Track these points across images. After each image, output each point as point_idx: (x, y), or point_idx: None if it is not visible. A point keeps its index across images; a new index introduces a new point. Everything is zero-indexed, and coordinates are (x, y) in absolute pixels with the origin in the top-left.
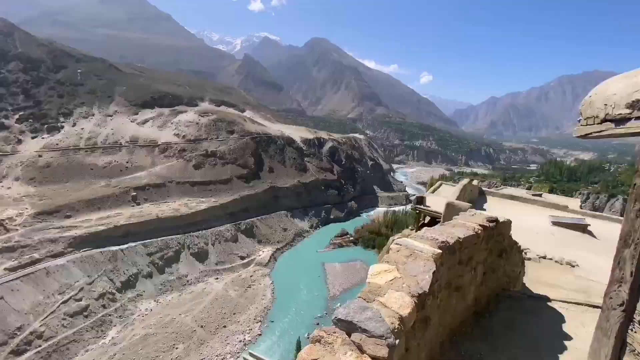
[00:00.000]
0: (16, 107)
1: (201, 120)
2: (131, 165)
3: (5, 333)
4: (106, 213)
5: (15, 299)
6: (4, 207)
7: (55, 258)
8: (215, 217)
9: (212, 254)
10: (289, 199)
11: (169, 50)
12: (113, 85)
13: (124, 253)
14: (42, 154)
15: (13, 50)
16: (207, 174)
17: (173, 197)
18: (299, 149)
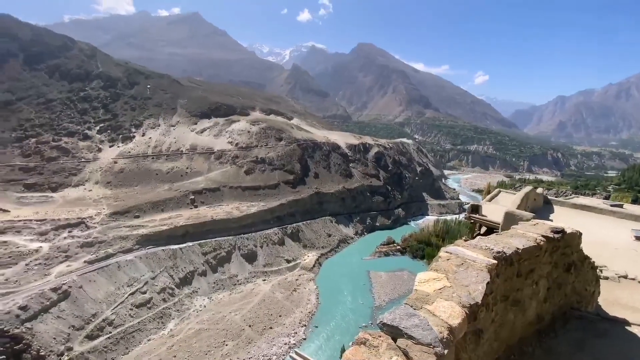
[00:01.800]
0: (97, 120)
1: (252, 129)
2: (190, 170)
3: (82, 319)
4: (168, 214)
5: (92, 288)
6: (85, 207)
7: (126, 254)
8: (264, 221)
9: (260, 256)
10: (333, 205)
11: (224, 63)
12: (176, 98)
13: (182, 251)
14: (117, 160)
15: (95, 70)
16: (257, 179)
17: (226, 200)
18: (344, 155)
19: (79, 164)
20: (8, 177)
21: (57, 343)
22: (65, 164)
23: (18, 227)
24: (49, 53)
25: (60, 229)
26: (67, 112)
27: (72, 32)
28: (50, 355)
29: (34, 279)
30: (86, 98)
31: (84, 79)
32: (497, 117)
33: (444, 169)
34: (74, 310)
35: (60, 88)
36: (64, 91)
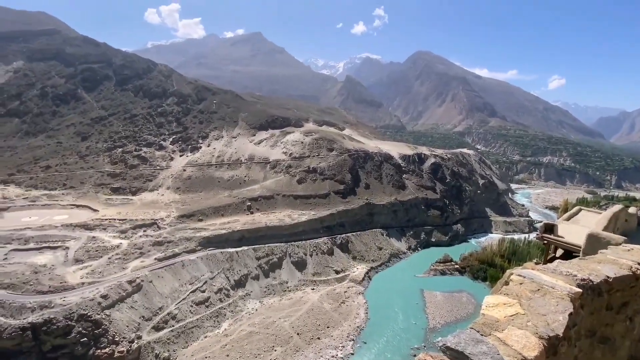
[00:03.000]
0: (171, 132)
1: (305, 140)
2: (248, 179)
3: (151, 311)
4: (227, 219)
5: (160, 284)
6: (158, 209)
7: (189, 254)
8: (314, 230)
9: (309, 264)
10: (384, 217)
11: (282, 78)
12: (238, 112)
13: (238, 255)
14: (186, 168)
15: (171, 89)
16: (308, 188)
17: (279, 208)
18: (397, 166)
19: (155, 171)
20: (99, 181)
21: (129, 331)
22: (143, 171)
23: (104, 225)
24: (135, 75)
25: (137, 228)
26: (147, 126)
27: (154, 56)
28: (123, 341)
29: (114, 271)
30: (162, 113)
31: (161, 96)
32: (576, 126)
33: (511, 183)
34: (145, 303)
35: (143, 105)
36: (145, 107)
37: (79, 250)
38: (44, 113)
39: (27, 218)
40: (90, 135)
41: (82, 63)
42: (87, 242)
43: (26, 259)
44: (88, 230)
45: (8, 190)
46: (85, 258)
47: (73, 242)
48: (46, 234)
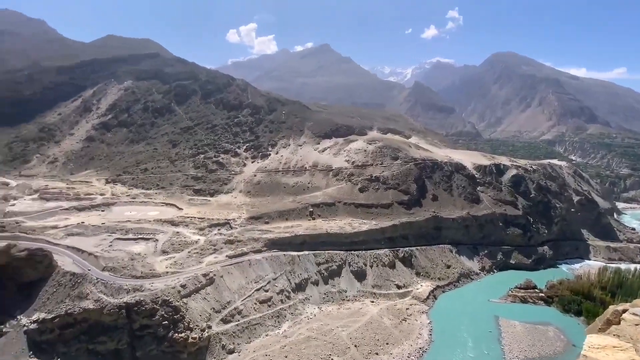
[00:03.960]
0: (245, 141)
1: (368, 148)
2: (311, 185)
3: (220, 304)
4: (290, 223)
5: (229, 279)
6: (231, 210)
7: (256, 254)
8: (375, 240)
9: (369, 275)
10: (454, 232)
11: (347, 88)
12: (304, 122)
13: (299, 259)
14: (256, 174)
15: (246, 101)
16: (370, 197)
17: (340, 215)
18: (471, 177)
19: (230, 176)
20: (184, 183)
21: (202, 320)
22: (220, 175)
23: (186, 222)
24: (217, 89)
25: (212, 226)
26: (225, 135)
27: (233, 72)
28: (196, 328)
29: (192, 264)
30: (238, 123)
31: (238, 108)
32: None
33: (617, 201)
34: (215, 296)
35: (222, 116)
36: (224, 118)
37: (166, 243)
38: (145, 124)
39: (128, 212)
40: (179, 143)
41: (175, 80)
42: (172, 237)
43: (126, 247)
44: (173, 226)
45: (116, 188)
46: (170, 250)
47: (161, 236)
48: (142, 227)
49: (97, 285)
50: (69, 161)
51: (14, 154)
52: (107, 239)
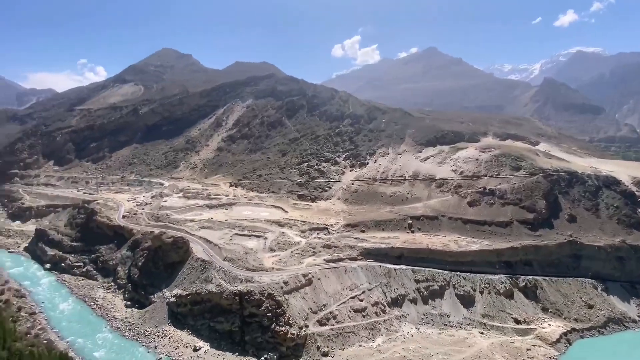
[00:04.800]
0: (344, 150)
1: (481, 156)
2: (411, 196)
3: (317, 305)
4: (387, 234)
5: (326, 283)
6: (329, 216)
7: (351, 261)
8: (487, 263)
9: (478, 302)
10: (601, 264)
11: (457, 91)
12: (405, 129)
13: (396, 272)
14: (354, 182)
15: (347, 111)
16: (482, 213)
17: (444, 231)
18: (628, 194)
19: (330, 183)
20: (290, 188)
21: (300, 318)
22: (321, 182)
23: (290, 224)
24: (322, 102)
25: (313, 230)
26: (327, 144)
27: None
28: (295, 325)
29: (294, 263)
30: (339, 133)
31: (339, 118)
32: None
33: None
34: (313, 297)
35: (325, 127)
36: (327, 129)
37: (273, 242)
38: (261, 136)
39: (245, 212)
40: (287, 152)
41: (287, 97)
42: (279, 236)
43: (242, 242)
44: (280, 226)
45: (237, 191)
46: (276, 248)
47: (270, 235)
48: (255, 226)
49: (219, 272)
50: (204, 167)
51: (167, 161)
52: (228, 233)
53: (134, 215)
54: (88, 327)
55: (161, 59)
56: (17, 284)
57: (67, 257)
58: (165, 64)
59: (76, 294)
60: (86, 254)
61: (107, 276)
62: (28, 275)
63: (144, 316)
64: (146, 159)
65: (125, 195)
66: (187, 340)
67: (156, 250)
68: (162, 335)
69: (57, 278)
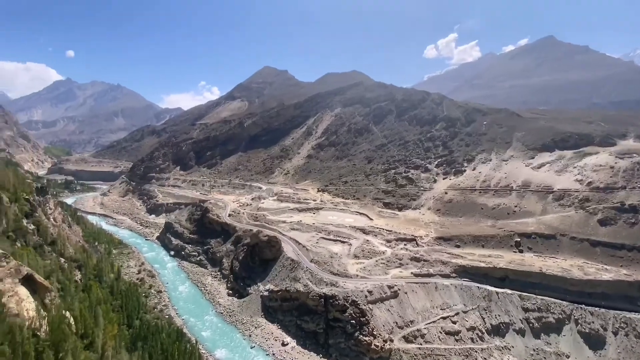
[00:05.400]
0: (436, 156)
1: (618, 164)
2: (519, 210)
3: (403, 320)
4: (488, 252)
5: (413, 298)
6: (418, 227)
7: (443, 278)
8: (624, 297)
9: (610, 345)
10: None
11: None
12: (512, 132)
13: (498, 296)
14: (448, 191)
15: (440, 115)
16: (619, 234)
17: (563, 253)
18: None
19: (419, 192)
20: (375, 196)
21: (384, 330)
22: (409, 190)
23: (375, 232)
24: (411, 106)
25: (399, 240)
26: (416, 150)
27: (429, 87)
28: (378, 337)
29: (378, 273)
30: (431, 138)
31: (431, 122)
32: None
33: None
34: (399, 310)
35: (415, 132)
36: (416, 134)
37: (357, 249)
38: (347, 143)
39: (331, 217)
40: (373, 159)
41: (375, 103)
42: (363, 244)
43: (327, 246)
44: (364, 234)
45: (324, 196)
46: (361, 256)
47: (354, 241)
48: (340, 231)
49: (306, 273)
50: (295, 173)
51: (265, 167)
52: (315, 236)
53: (237, 214)
54: (198, 308)
55: (262, 76)
56: (150, 265)
57: (186, 247)
58: (266, 80)
59: (191, 279)
60: (200, 245)
61: (215, 266)
62: (158, 259)
63: (242, 305)
64: (248, 165)
65: (231, 196)
66: (276, 334)
67: (254, 247)
68: (256, 326)
69: (178, 264)
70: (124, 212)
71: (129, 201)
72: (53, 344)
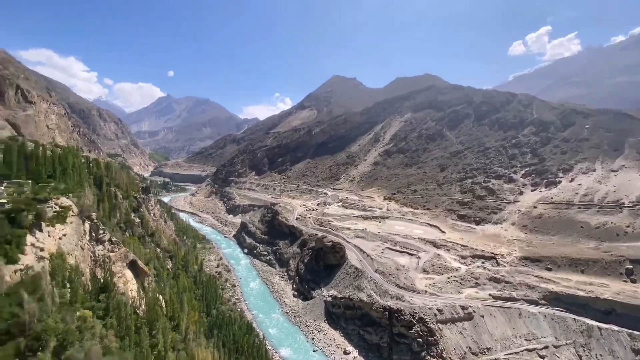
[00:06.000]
0: (523, 164)
1: None
2: (632, 230)
3: (478, 346)
4: (589, 278)
5: (490, 322)
6: (499, 244)
7: (529, 304)
8: None
9: None
10: None
11: None
12: (623, 137)
13: (601, 333)
14: (537, 205)
15: (529, 118)
16: None
17: None
18: None
19: (500, 204)
20: (448, 207)
21: (455, 354)
22: (489, 202)
23: (448, 247)
24: (493, 109)
25: (475, 257)
26: (499, 158)
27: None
28: None
29: (450, 291)
30: (517, 144)
31: (517, 127)
32: None
33: None
34: (473, 334)
35: (496, 137)
36: (499, 139)
37: (427, 262)
38: (418, 150)
39: (398, 227)
40: (447, 167)
41: (449, 107)
42: (433, 258)
43: (393, 257)
44: (435, 247)
45: (390, 205)
46: (430, 270)
47: (423, 254)
48: (407, 242)
49: (370, 283)
50: (361, 180)
51: (331, 173)
52: (380, 246)
53: (304, 218)
54: (267, 306)
55: (331, 85)
56: (226, 261)
57: (258, 246)
58: (334, 89)
59: (261, 277)
60: (270, 245)
61: (282, 266)
62: (233, 256)
63: (306, 308)
64: (315, 171)
65: (299, 201)
66: (339, 341)
67: (318, 251)
68: (319, 330)
69: (250, 261)
70: (208, 211)
71: (212, 201)
72: (148, 321)
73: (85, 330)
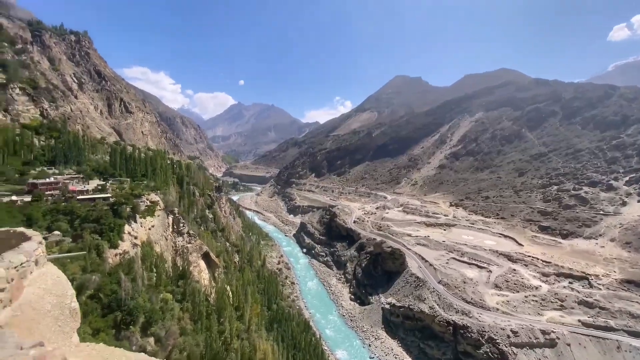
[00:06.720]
0: (627, 170)
1: None
2: None
3: None
4: None
5: (580, 353)
6: (593, 263)
7: (632, 336)
8: None
9: None
10: None
11: None
12: None
13: None
14: None
15: (635, 114)
16: None
17: None
18: None
19: (595, 216)
20: (528, 217)
21: None
22: (580, 213)
23: (526, 262)
24: (588, 105)
25: (561, 276)
26: (594, 162)
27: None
28: None
29: (528, 312)
30: (618, 146)
31: (619, 125)
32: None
33: None
34: None
35: (591, 138)
36: (595, 140)
37: (499, 277)
38: (491, 152)
39: (466, 236)
40: (526, 171)
41: (529, 104)
42: (507, 273)
43: (459, 268)
44: (510, 261)
45: (457, 212)
46: (503, 287)
47: (495, 268)
48: (476, 253)
49: (433, 294)
50: (424, 184)
51: (391, 177)
52: (445, 256)
53: (362, 221)
54: (324, 306)
55: (393, 86)
56: (287, 259)
57: (316, 247)
58: (396, 89)
59: (319, 277)
60: (327, 246)
61: (339, 268)
62: (293, 254)
63: (363, 313)
64: (374, 174)
65: (357, 204)
66: (397, 351)
67: (377, 256)
68: (376, 337)
69: (308, 261)
70: (271, 211)
71: (275, 201)
72: (217, 309)
73: (166, 311)
